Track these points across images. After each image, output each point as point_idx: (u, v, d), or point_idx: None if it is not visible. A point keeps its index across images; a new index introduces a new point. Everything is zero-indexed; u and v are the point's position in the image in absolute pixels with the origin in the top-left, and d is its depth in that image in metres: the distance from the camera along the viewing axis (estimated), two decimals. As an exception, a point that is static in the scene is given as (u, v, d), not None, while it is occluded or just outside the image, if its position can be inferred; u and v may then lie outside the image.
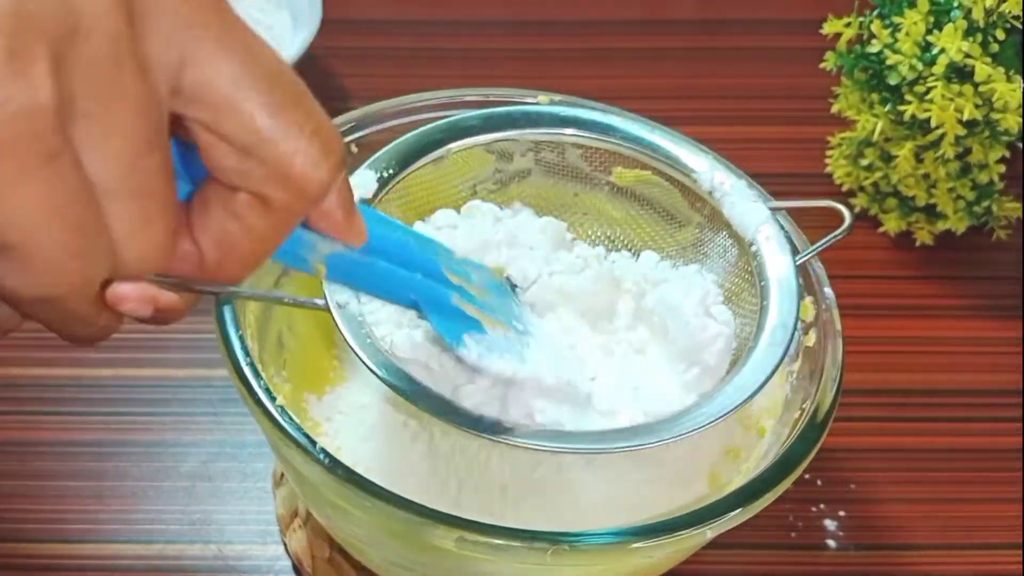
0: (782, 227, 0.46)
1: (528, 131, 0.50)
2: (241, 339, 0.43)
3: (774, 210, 0.47)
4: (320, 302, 0.41)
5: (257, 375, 0.42)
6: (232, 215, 0.31)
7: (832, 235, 0.45)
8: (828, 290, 0.47)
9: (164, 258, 0.30)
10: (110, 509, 0.54)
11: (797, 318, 0.43)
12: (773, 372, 0.42)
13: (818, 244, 0.46)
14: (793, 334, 0.43)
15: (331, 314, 0.41)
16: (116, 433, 0.57)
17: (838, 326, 0.46)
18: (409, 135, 0.48)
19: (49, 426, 0.57)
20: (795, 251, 0.46)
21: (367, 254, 0.38)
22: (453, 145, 0.49)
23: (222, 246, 0.31)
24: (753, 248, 0.46)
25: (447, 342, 0.41)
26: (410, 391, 0.40)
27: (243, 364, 0.42)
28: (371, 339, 0.41)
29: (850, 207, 0.47)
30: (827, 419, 0.43)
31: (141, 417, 0.58)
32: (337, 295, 0.41)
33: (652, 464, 0.47)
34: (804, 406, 0.43)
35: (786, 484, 0.41)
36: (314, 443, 0.40)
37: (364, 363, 0.40)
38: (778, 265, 0.45)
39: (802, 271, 0.47)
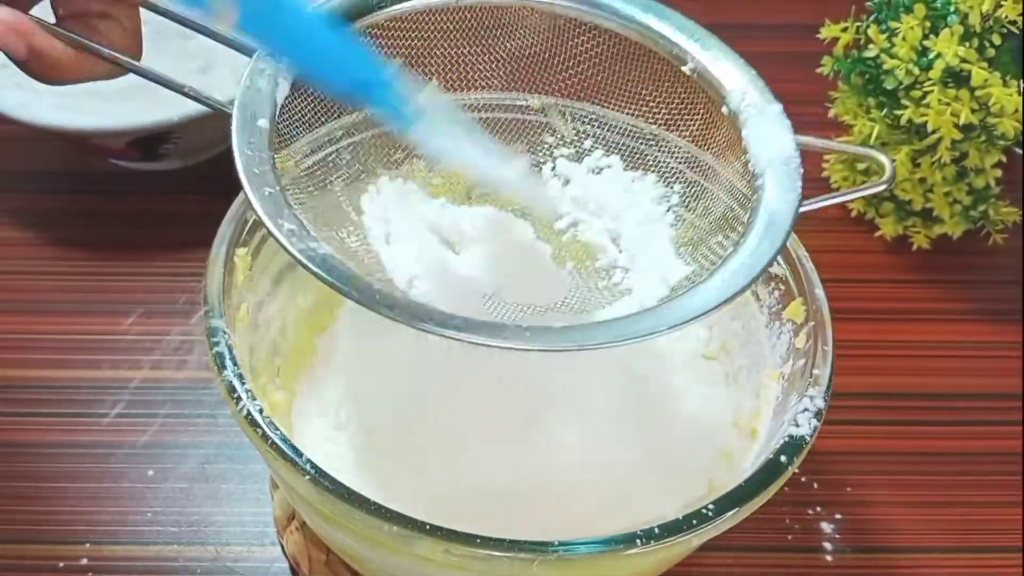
0: (801, 167, 0.41)
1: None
2: (230, 348, 0.42)
3: (800, 147, 0.42)
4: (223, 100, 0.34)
5: (245, 387, 0.41)
6: None
7: (871, 184, 0.42)
8: (819, 291, 0.46)
9: None
10: (107, 511, 0.54)
11: (771, 262, 0.39)
12: (723, 303, 0.38)
13: (850, 191, 0.43)
14: (757, 278, 0.39)
15: (230, 116, 0.36)
16: (113, 435, 0.57)
17: (828, 327, 0.45)
18: None
19: (46, 428, 0.57)
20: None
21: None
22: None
23: None
24: (759, 181, 0.41)
25: (397, 122, 0.35)
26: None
27: (232, 376, 0.41)
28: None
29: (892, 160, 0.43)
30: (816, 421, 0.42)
31: (138, 419, 0.58)
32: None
33: (648, 465, 0.47)
34: (794, 407, 0.43)
35: (774, 488, 0.40)
36: (300, 454, 0.39)
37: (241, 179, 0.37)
38: (777, 201, 0.40)
39: (794, 272, 0.47)
